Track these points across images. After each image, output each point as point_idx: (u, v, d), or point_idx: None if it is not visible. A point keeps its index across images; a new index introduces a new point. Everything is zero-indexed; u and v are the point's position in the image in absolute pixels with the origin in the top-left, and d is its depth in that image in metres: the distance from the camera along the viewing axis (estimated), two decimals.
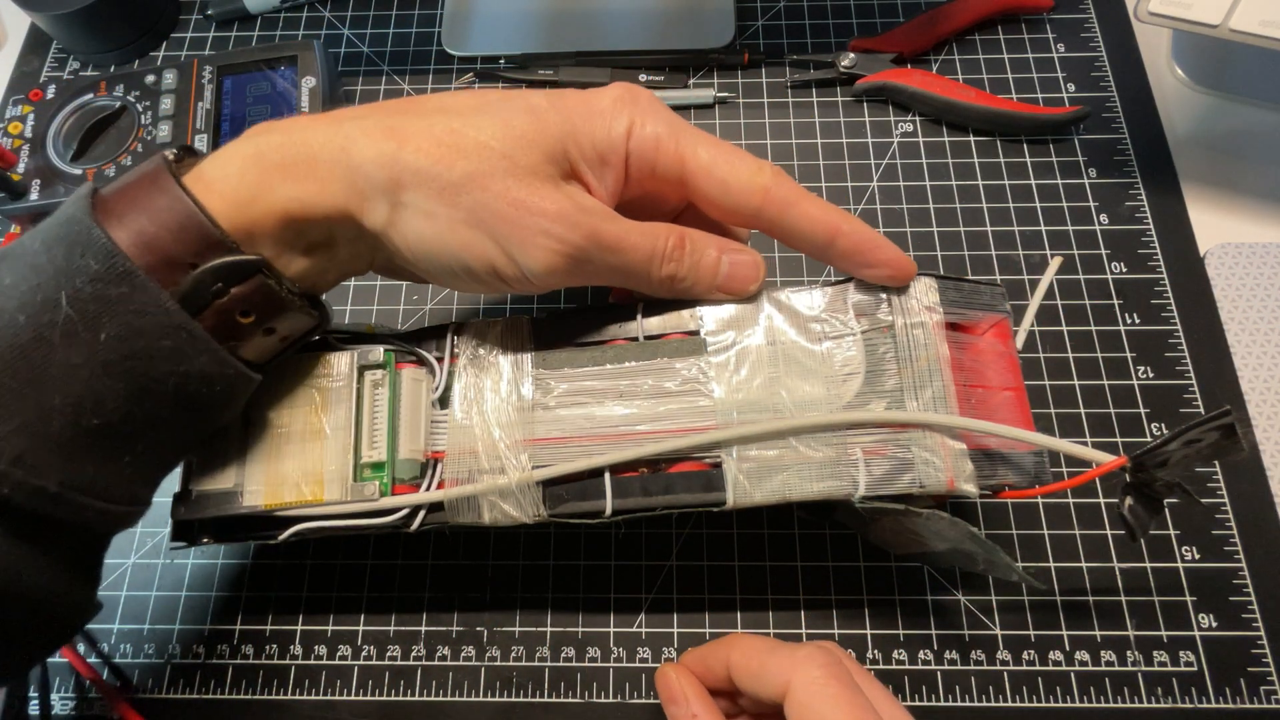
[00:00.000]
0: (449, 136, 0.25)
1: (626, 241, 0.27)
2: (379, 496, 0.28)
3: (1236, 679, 0.34)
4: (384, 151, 0.25)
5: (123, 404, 0.24)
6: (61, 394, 0.23)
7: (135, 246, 0.24)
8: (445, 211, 0.25)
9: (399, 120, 0.26)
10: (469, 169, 0.25)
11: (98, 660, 0.36)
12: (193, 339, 0.24)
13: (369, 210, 0.26)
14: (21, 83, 0.50)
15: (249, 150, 0.26)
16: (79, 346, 0.23)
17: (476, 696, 0.35)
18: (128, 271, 0.23)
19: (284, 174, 0.25)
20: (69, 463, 0.23)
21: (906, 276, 0.28)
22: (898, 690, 0.34)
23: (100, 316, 0.23)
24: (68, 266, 0.23)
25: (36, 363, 0.23)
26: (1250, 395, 0.38)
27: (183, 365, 0.24)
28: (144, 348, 0.24)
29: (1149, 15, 0.37)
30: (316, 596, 0.37)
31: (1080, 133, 0.45)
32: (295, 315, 0.27)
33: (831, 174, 0.45)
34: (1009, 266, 0.42)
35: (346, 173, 0.25)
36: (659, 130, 0.27)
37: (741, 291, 0.29)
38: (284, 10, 0.52)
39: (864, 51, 0.47)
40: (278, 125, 0.26)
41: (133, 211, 0.24)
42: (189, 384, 0.25)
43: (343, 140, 0.25)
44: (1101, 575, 0.36)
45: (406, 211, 0.26)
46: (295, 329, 0.28)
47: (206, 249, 0.24)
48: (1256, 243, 0.42)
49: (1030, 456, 0.28)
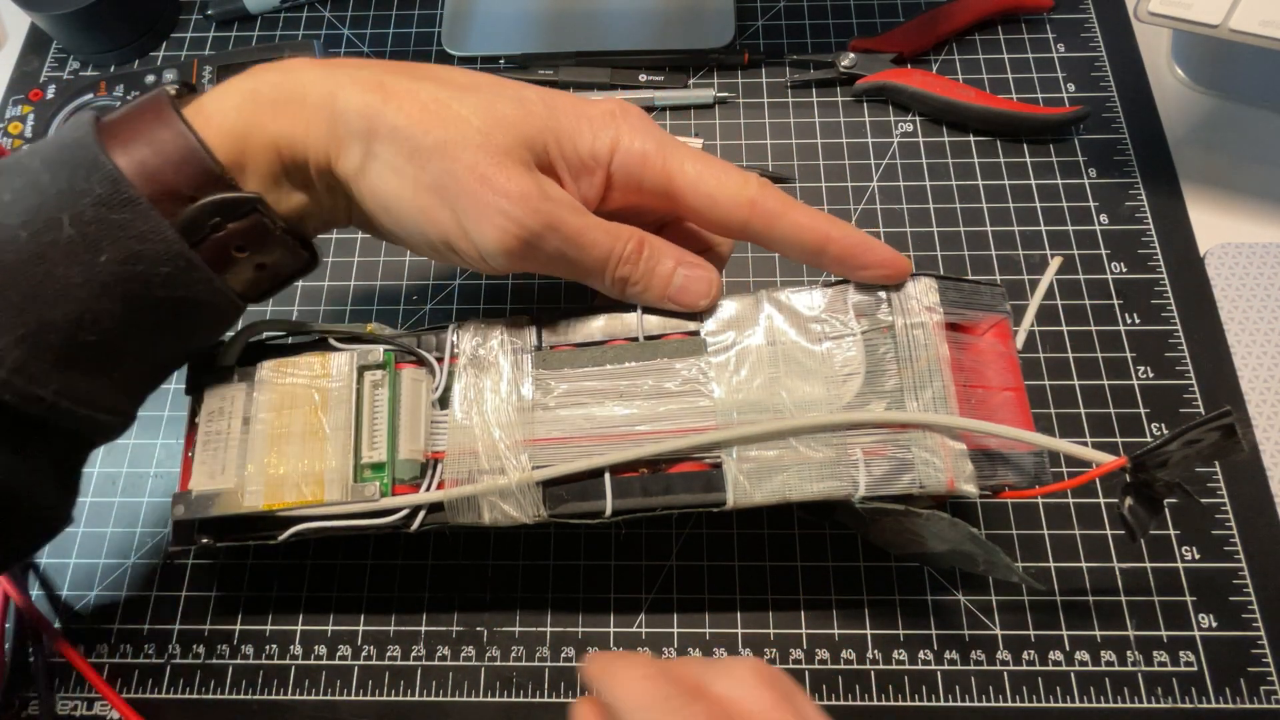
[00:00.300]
0: (433, 104, 0.26)
1: (586, 237, 0.27)
2: (379, 497, 0.28)
3: (1236, 679, 0.34)
4: (368, 103, 0.26)
5: (118, 323, 0.25)
6: (61, 310, 0.24)
7: (138, 176, 0.24)
8: (412, 172, 0.26)
9: (390, 78, 0.27)
10: (443, 137, 0.26)
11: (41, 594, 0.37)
12: (191, 267, 0.25)
13: (344, 155, 0.26)
14: (21, 83, 0.50)
15: (247, 86, 0.26)
16: (79, 267, 0.24)
17: (476, 696, 0.35)
18: (131, 199, 0.24)
19: (275, 111, 0.26)
20: (63, 374, 0.25)
21: (902, 275, 0.28)
22: (897, 690, 0.34)
23: (101, 240, 0.24)
24: (70, 189, 0.24)
25: (38, 279, 0.24)
26: (1250, 395, 0.38)
27: (179, 291, 0.26)
28: (142, 272, 0.25)
29: (1149, 15, 0.37)
30: (316, 596, 0.37)
31: (1080, 133, 0.45)
32: (285, 253, 0.28)
33: (831, 174, 0.45)
34: (1009, 266, 0.42)
35: (330, 116, 0.26)
36: (646, 146, 0.28)
37: (691, 305, 0.29)
38: (284, 10, 0.52)
39: (864, 51, 0.47)
40: (277, 65, 0.27)
41: (136, 142, 0.25)
42: (182, 308, 0.26)
43: (333, 85, 0.26)
44: (1101, 575, 0.36)
45: (376, 164, 0.26)
46: (284, 267, 0.29)
47: (205, 183, 0.25)
48: (1256, 243, 0.42)
49: (1030, 457, 0.28)
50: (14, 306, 0.24)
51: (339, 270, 0.44)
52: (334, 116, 0.26)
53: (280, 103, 0.26)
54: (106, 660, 0.36)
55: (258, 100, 0.26)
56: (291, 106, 0.26)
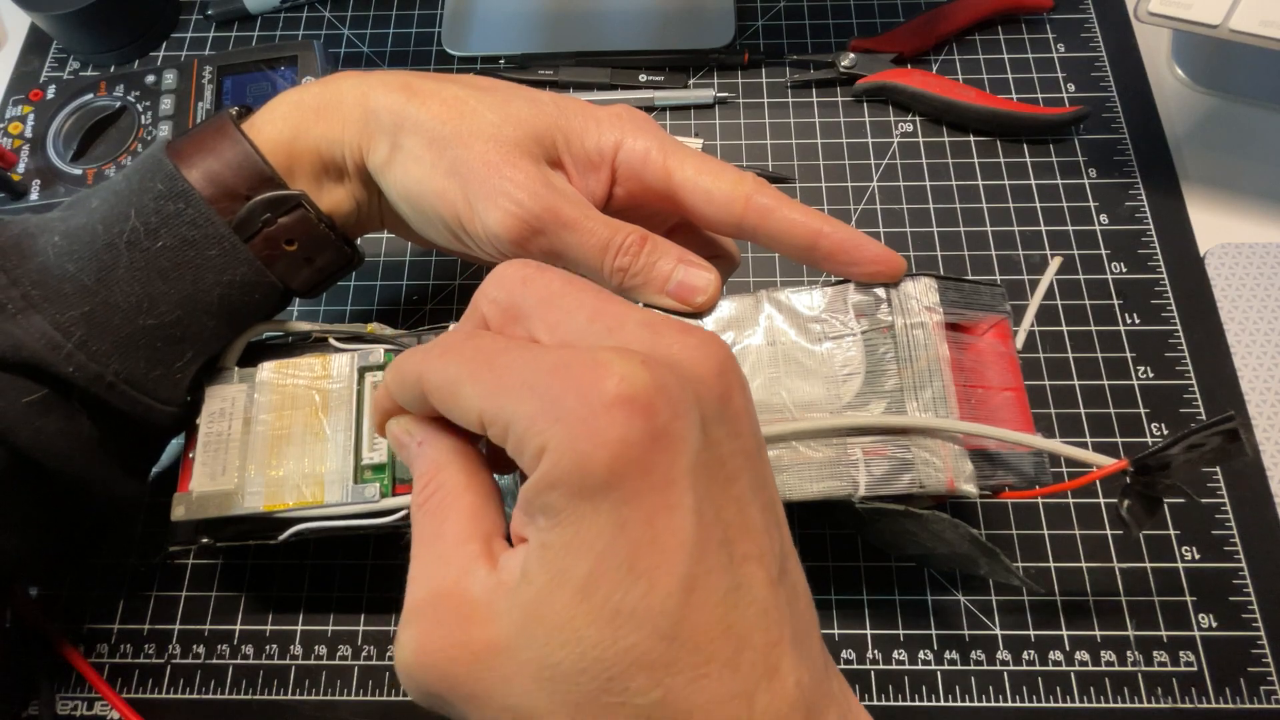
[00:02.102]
0: (453, 100, 0.29)
1: (585, 224, 0.28)
2: (379, 498, 0.28)
3: (1236, 679, 0.34)
4: (396, 101, 0.29)
5: (174, 307, 0.28)
6: (123, 293, 0.28)
7: (201, 180, 0.28)
8: (431, 158, 0.28)
9: (417, 81, 0.30)
10: (460, 128, 0.28)
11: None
12: (235, 248, 0.29)
13: (374, 149, 0.29)
14: (21, 83, 0.50)
15: (293, 99, 0.30)
16: (140, 253, 0.28)
17: None
18: (185, 191, 0.28)
19: (317, 116, 0.30)
20: (125, 358, 0.28)
21: (896, 272, 0.28)
22: (897, 690, 0.34)
23: (160, 228, 0.28)
24: (140, 188, 0.28)
25: (107, 264, 0.28)
26: (1250, 395, 0.38)
27: (226, 274, 0.29)
28: (194, 257, 0.28)
29: (1149, 15, 0.37)
30: (316, 596, 0.37)
31: (1080, 133, 0.45)
32: (330, 247, 0.31)
33: (831, 174, 0.45)
34: (1009, 266, 0.42)
35: (363, 114, 0.29)
36: (649, 145, 0.29)
37: (689, 302, 0.29)
38: (284, 10, 0.52)
39: (864, 51, 0.47)
40: (319, 79, 0.32)
41: (200, 153, 0.29)
42: (231, 292, 0.29)
43: (365, 88, 0.29)
44: (1101, 575, 0.36)
45: (401, 154, 0.29)
46: (330, 261, 0.32)
47: (259, 184, 0.29)
48: (1256, 243, 0.42)
49: (1030, 457, 0.28)
50: (86, 290, 0.27)
51: None
52: (367, 114, 0.29)
53: (321, 108, 0.30)
54: (106, 660, 0.36)
55: (302, 109, 0.30)
56: (330, 110, 0.29)
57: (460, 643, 0.18)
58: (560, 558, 0.17)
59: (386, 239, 0.45)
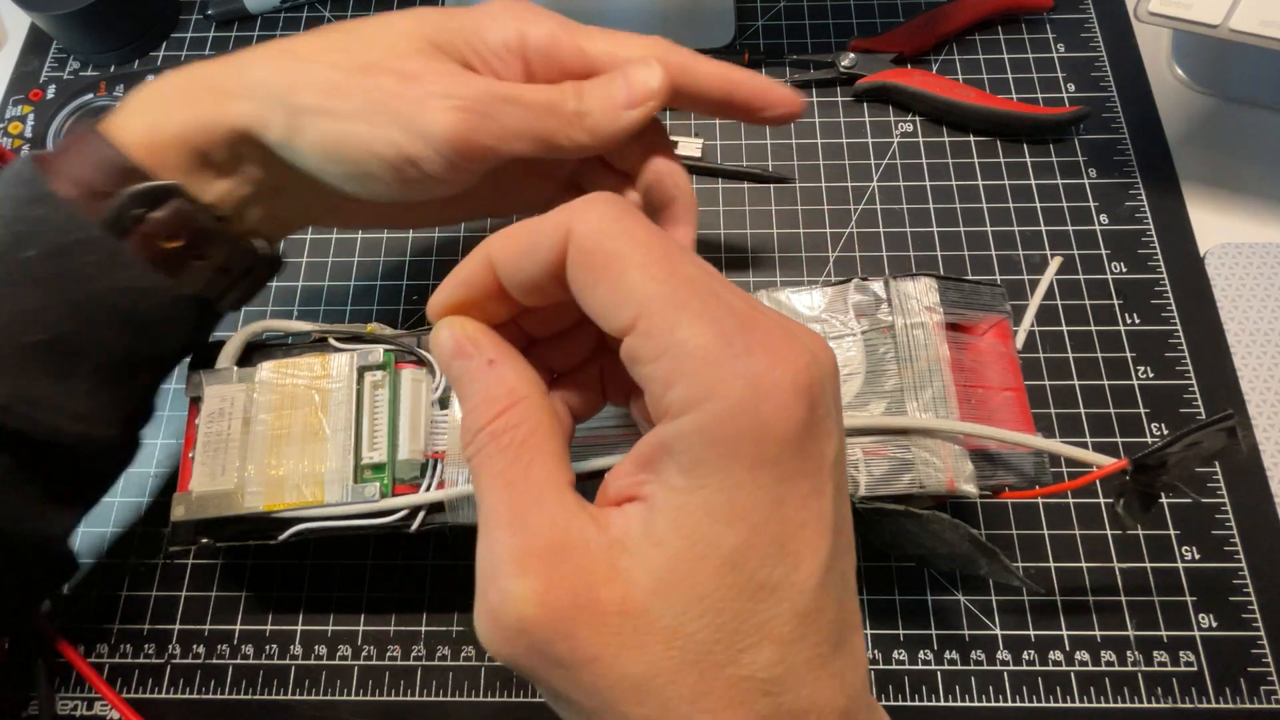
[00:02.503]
0: (336, 41, 0.27)
1: (524, 94, 0.27)
2: (379, 498, 0.28)
3: (1236, 679, 0.34)
4: (276, 63, 0.27)
5: (60, 320, 0.26)
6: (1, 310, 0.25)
7: (67, 183, 0.26)
8: (339, 104, 0.26)
9: (291, 41, 0.28)
10: (355, 61, 0.26)
11: None
12: (113, 252, 0.26)
13: (268, 123, 0.26)
14: (21, 83, 0.50)
15: (150, 88, 0.28)
16: (9, 265, 0.25)
17: (476, 696, 0.35)
18: (47, 194, 0.26)
19: (183, 101, 0.27)
20: (17, 378, 0.25)
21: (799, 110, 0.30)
22: (897, 690, 0.34)
23: (27, 237, 0.26)
24: (3, 197, 0.26)
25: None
26: (1250, 395, 0.38)
27: (111, 280, 0.26)
28: (71, 265, 0.26)
29: (1149, 15, 0.37)
30: (316, 596, 0.37)
31: (1080, 133, 0.45)
32: (221, 242, 0.28)
33: (831, 174, 0.45)
34: (1009, 266, 0.42)
35: (242, 89, 0.27)
36: (552, 28, 0.28)
37: (652, 94, 0.28)
38: (284, 10, 0.52)
39: (864, 51, 0.47)
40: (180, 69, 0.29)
41: (63, 157, 0.27)
42: (124, 300, 0.27)
43: (239, 63, 0.27)
44: (1101, 575, 0.36)
45: (304, 117, 0.26)
46: (233, 261, 0.29)
47: (124, 178, 0.26)
48: (1256, 243, 0.42)
49: (1030, 457, 0.28)
50: None
51: (339, 270, 0.44)
52: (247, 88, 0.27)
53: (186, 92, 0.27)
54: (106, 660, 0.36)
55: (162, 96, 0.27)
56: (197, 93, 0.27)
57: (590, 601, 0.17)
58: (703, 524, 0.17)
59: (386, 239, 0.45)
